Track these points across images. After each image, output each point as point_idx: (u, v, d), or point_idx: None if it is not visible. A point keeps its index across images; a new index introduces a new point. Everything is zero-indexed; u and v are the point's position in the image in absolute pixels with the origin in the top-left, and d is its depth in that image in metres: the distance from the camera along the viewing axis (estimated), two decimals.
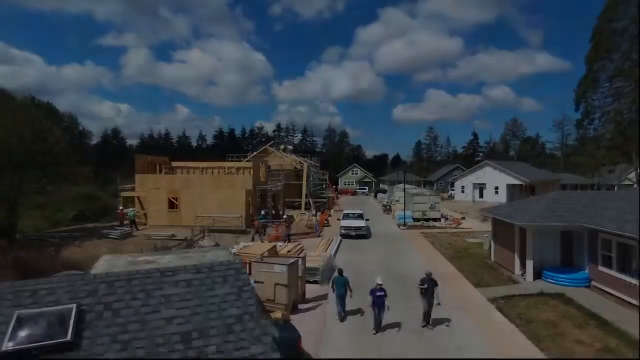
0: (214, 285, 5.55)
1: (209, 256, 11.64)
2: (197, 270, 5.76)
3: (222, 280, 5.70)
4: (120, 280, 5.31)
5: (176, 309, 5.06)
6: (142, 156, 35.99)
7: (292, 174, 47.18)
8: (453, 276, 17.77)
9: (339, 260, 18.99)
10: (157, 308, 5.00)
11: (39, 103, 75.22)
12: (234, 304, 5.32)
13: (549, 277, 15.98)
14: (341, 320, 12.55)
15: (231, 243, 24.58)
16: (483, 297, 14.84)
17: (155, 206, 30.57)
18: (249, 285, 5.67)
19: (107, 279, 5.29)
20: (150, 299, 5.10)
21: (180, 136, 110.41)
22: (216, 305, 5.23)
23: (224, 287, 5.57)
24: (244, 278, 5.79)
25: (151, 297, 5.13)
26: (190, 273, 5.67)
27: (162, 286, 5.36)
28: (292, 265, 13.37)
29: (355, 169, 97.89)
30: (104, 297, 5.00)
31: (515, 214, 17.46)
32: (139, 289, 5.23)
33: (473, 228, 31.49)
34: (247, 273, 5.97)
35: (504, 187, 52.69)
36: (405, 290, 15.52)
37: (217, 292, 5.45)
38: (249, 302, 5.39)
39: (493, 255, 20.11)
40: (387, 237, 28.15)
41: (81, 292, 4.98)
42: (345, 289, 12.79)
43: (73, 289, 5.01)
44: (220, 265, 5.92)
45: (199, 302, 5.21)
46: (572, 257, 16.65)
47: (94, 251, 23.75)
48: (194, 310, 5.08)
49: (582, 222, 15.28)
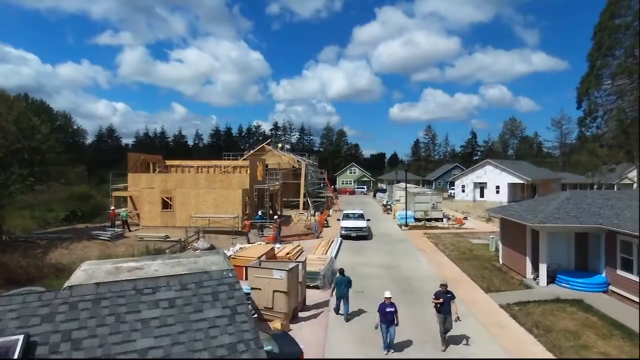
0: (202, 306, 4.57)
1: (201, 262, 10.62)
2: (181, 286, 4.78)
3: (212, 298, 4.72)
4: (86, 301, 4.32)
5: (154, 338, 4.08)
6: (135, 154, 34.83)
7: (290, 173, 46.15)
8: (460, 280, 16.87)
9: (339, 263, 18.04)
10: (130, 337, 4.02)
11: (33, 101, 74.07)
12: (225, 329, 4.34)
13: (564, 282, 15.11)
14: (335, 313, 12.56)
15: (227, 245, 23.58)
16: (495, 303, 13.95)
17: (148, 206, 29.48)
18: (244, 305, 4.70)
19: (70, 299, 4.30)
20: (121, 325, 4.11)
21: (176, 135, 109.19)
22: (203, 332, 4.26)
23: (214, 307, 4.60)
24: (238, 295, 4.81)
25: (123, 323, 4.15)
26: (173, 290, 4.69)
27: (138, 307, 4.38)
28: (292, 270, 12.40)
29: (354, 168, 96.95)
30: (63, 323, 4.00)
31: (526, 214, 16.56)
32: (108, 311, 4.25)
33: (476, 228, 30.64)
34: (242, 289, 4.99)
35: (505, 186, 51.93)
36: (412, 296, 14.64)
37: (205, 314, 4.47)
38: (244, 327, 4.42)
39: (501, 257, 19.22)
40: (389, 238, 27.24)
41: (35, 318, 3.99)
42: (347, 289, 12.60)
43: (25, 312, 4.02)
44: (209, 279, 4.93)
45: (182, 328, 4.23)
46: (586, 260, 15.80)
47: (83, 254, 22.73)
48: (175, 339, 4.10)
49: (599, 223, 14.40)
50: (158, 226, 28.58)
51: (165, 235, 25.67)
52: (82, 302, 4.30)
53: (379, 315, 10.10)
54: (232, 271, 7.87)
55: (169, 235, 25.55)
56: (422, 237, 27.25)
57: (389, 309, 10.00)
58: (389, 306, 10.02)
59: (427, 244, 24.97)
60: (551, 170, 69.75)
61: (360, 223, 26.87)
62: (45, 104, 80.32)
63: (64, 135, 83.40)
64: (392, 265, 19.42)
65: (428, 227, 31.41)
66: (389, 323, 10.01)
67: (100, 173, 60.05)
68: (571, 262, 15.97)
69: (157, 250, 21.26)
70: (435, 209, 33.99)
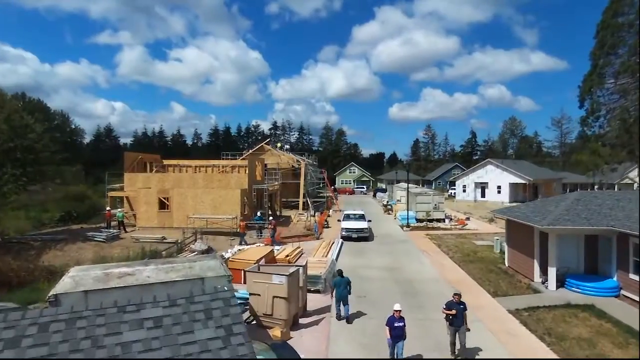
0: (193, 326, 4.01)
1: (197, 267, 10.09)
2: (170, 302, 4.22)
3: (205, 316, 4.16)
4: (59, 321, 3.76)
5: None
6: (131, 154, 34.24)
7: (289, 173, 45.55)
8: (466, 283, 16.34)
9: (340, 265, 17.50)
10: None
11: (30, 100, 73.31)
12: (219, 354, 3.79)
13: (573, 286, 14.59)
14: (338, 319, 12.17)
15: (225, 246, 23.03)
16: (503, 308, 13.41)
17: (144, 207, 28.88)
18: (240, 325, 4.14)
19: (41, 320, 3.75)
20: (98, 351, 3.56)
21: (175, 134, 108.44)
22: (194, 357, 3.70)
23: (206, 327, 4.04)
24: (234, 312, 4.26)
25: (100, 347, 3.60)
26: (161, 307, 4.13)
27: (119, 328, 3.83)
28: (292, 275, 11.85)
29: (353, 168, 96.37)
30: (30, 349, 3.45)
31: (534, 215, 16.03)
32: (85, 334, 3.69)
33: (479, 229, 30.13)
34: (238, 305, 4.43)
35: (506, 186, 51.45)
36: (416, 300, 14.12)
37: (196, 335, 3.92)
38: (241, 351, 3.86)
39: (507, 259, 18.70)
40: (391, 239, 26.70)
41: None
42: (347, 291, 12.30)
43: None
44: (202, 294, 4.38)
45: (169, 353, 3.68)
46: (596, 263, 15.28)
47: (77, 256, 22.15)
48: None
49: (610, 225, 13.88)
50: (155, 227, 28.01)
51: (162, 236, 25.09)
52: (54, 322, 3.75)
53: (388, 329, 9.42)
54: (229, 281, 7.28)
55: (165, 237, 24.97)
56: (424, 238, 26.72)
57: (398, 323, 9.32)
58: (398, 320, 9.33)
59: (429, 245, 24.45)
60: (552, 169, 69.33)
61: (362, 224, 26.34)
62: (42, 103, 79.65)
63: (61, 135, 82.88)
64: (394, 268, 18.89)
65: (430, 227, 30.88)
66: (397, 338, 9.35)
67: (98, 173, 59.39)
68: (580, 265, 15.46)
69: (153, 252, 20.67)
70: (437, 209, 33.46)
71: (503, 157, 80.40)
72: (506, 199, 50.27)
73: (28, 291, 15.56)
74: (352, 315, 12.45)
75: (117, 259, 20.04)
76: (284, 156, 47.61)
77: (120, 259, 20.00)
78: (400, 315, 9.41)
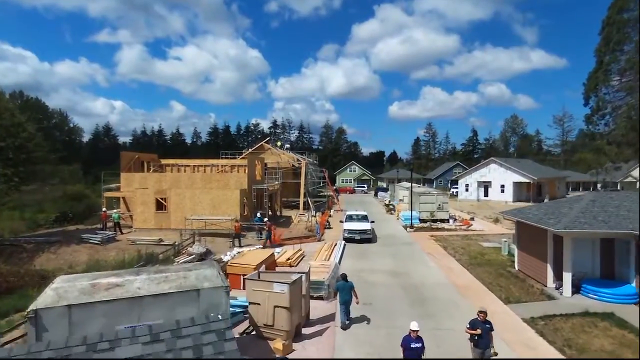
0: None
1: (192, 277, 9.24)
2: (152, 336, 3.48)
3: (194, 354, 3.42)
4: None
5: None
6: (128, 153, 33.48)
7: (289, 172, 44.77)
8: (475, 288, 15.62)
9: (343, 268, 16.74)
10: None
11: (28, 99, 72.47)
12: None
13: (590, 292, 13.85)
14: (343, 329, 11.52)
15: (224, 249, 22.31)
16: (516, 316, 12.66)
17: (141, 207, 28.12)
18: None
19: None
20: None
21: (174, 133, 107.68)
22: None
23: None
24: (230, 348, 3.51)
25: None
26: (140, 343, 3.39)
27: None
28: (294, 283, 11.09)
29: (353, 167, 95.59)
30: None
31: (547, 218, 15.27)
32: None
33: (485, 230, 29.39)
34: (234, 338, 3.69)
35: (510, 185, 50.70)
36: (425, 308, 13.37)
37: None
38: None
39: (517, 263, 17.96)
40: (395, 240, 25.96)
41: None
42: (350, 296, 11.76)
43: None
44: (191, 325, 3.64)
45: None
46: (613, 268, 14.55)
47: (71, 259, 21.43)
48: None
49: (630, 229, 13.14)
50: (152, 228, 27.27)
51: (159, 238, 24.34)
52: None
53: (402, 350, 8.24)
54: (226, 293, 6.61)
55: (162, 239, 24.23)
56: (429, 239, 25.98)
57: (415, 344, 8.08)
58: (415, 341, 8.11)
59: (434, 247, 23.71)
60: (553, 168, 68.61)
61: (365, 225, 25.58)
62: (40, 102, 78.92)
63: (59, 133, 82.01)
64: (400, 272, 18.15)
65: (434, 228, 30.13)
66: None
67: (97, 172, 58.74)
68: (596, 270, 14.73)
69: (150, 255, 19.92)
70: (442, 209, 32.73)
71: (505, 155, 79.71)
72: (510, 198, 49.57)
73: (16, 298, 14.82)
74: (358, 324, 11.75)
75: (111, 263, 19.33)
76: (284, 155, 46.81)
77: (116, 262, 19.28)
78: (417, 335, 8.20)
